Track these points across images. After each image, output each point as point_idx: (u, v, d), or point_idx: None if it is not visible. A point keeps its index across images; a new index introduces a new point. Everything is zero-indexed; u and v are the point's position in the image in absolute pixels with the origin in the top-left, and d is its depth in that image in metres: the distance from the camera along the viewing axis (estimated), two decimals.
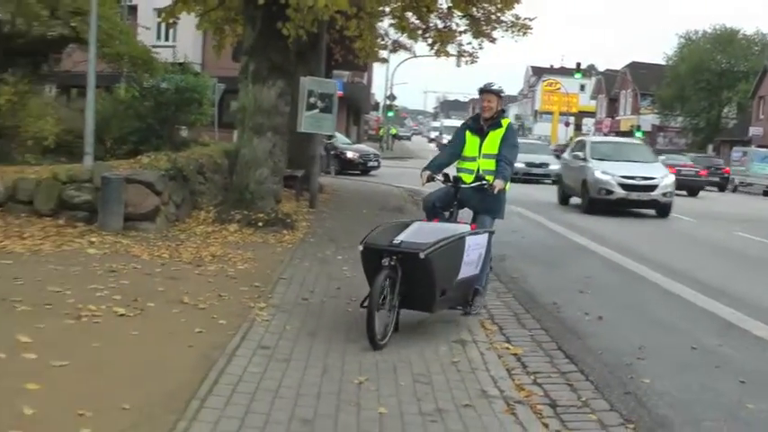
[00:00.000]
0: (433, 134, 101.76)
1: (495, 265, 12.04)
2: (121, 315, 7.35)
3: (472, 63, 20.98)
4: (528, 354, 7.31)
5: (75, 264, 9.49)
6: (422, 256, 6.99)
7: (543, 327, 8.42)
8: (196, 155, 16.47)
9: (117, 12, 24.57)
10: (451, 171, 8.97)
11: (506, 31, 18.85)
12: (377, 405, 5.50)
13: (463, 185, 8.63)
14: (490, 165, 8.72)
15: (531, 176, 34.66)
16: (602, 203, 21.76)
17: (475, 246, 7.89)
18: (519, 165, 33.23)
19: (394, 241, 7.34)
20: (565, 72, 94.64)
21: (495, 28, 18.81)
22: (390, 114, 76.50)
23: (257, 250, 11.65)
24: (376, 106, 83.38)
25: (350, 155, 35.71)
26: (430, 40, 18.77)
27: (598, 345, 7.90)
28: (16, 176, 13.09)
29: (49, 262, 9.54)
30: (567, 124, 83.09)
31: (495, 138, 8.76)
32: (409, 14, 18.08)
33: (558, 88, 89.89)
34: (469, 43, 19.57)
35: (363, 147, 43.02)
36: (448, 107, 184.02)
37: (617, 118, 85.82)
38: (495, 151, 8.72)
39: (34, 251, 10.14)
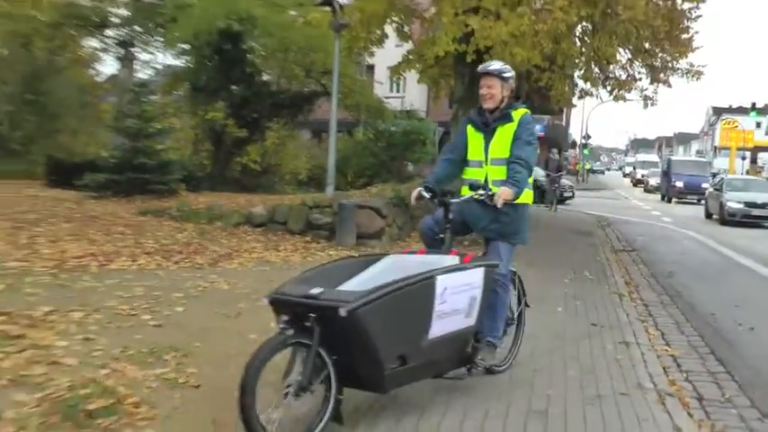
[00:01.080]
0: (628, 169, 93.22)
1: (663, 281, 11.74)
2: None
3: (652, 106, 20.38)
4: (683, 356, 7.13)
5: None
6: (342, 312, 4.14)
7: (700, 334, 8.15)
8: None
9: (357, 70, 25.87)
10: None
11: (681, 77, 18.27)
12: (547, 388, 5.60)
13: (453, 200, 5.60)
14: (501, 173, 5.59)
15: (750, 219, 25.24)
16: None
17: (458, 287, 4.88)
18: (737, 205, 25.64)
19: (312, 291, 4.37)
20: (743, 111, 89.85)
21: (670, 75, 18.28)
22: (586, 152, 74.96)
23: None
24: (573, 144, 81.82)
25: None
26: (609, 88, 18.52)
27: (747, 351, 7.58)
28: (275, 203, 14.16)
29: (296, 270, 10.14)
30: (744, 158, 78.79)
31: (505, 135, 5.62)
32: (592, 65, 17.92)
33: (736, 126, 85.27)
34: (646, 89, 19.11)
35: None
36: (638, 145, 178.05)
37: None
38: (507, 154, 5.59)
39: (285, 260, 10.86)
